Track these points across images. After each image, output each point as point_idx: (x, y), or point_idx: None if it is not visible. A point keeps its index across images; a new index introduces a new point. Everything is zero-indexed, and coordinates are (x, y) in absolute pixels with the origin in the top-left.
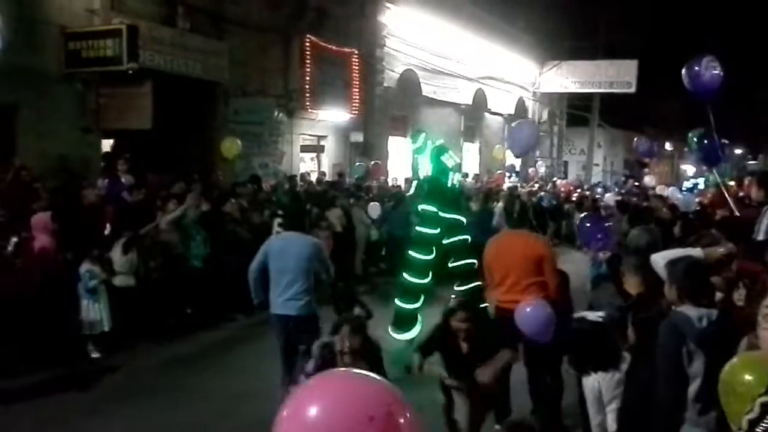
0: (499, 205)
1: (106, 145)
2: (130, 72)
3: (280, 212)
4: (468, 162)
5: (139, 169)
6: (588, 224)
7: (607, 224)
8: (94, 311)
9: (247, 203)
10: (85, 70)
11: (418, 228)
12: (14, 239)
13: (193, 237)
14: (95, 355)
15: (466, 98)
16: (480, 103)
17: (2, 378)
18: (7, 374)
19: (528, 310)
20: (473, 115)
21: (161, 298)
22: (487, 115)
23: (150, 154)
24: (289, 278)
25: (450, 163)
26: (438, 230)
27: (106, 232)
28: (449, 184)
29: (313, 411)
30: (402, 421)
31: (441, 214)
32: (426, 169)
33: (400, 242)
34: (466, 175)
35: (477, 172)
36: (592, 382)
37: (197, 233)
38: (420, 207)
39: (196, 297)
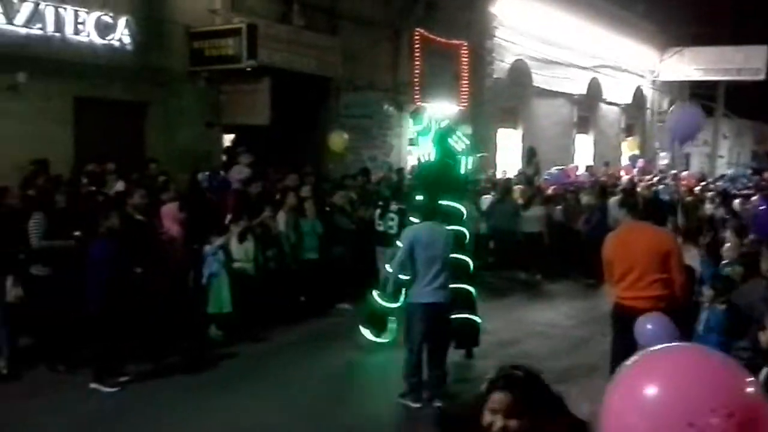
0: (614, 199)
1: (227, 139)
2: (249, 69)
3: (381, 204)
4: (581, 154)
5: (257, 162)
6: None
7: None
8: (217, 294)
9: (356, 195)
10: (207, 68)
11: (411, 219)
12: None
13: (306, 229)
14: (217, 336)
15: (579, 88)
16: (595, 92)
17: (132, 359)
18: (135, 356)
19: (648, 327)
20: (587, 105)
21: (277, 286)
22: (602, 105)
23: (267, 148)
24: (438, 267)
25: (459, 147)
26: None
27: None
28: (457, 171)
29: (651, 392)
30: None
31: (440, 203)
32: (428, 154)
33: (507, 236)
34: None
35: (591, 163)
36: None
37: (312, 225)
38: (416, 198)
39: (309, 286)
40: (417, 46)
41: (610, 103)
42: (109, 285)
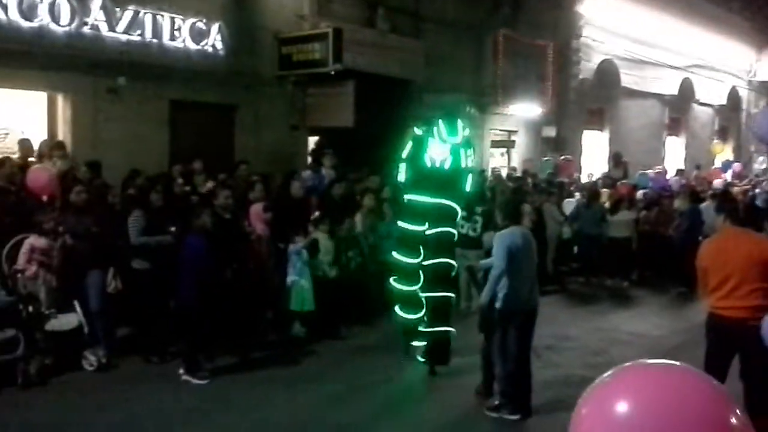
0: (706, 204)
1: (312, 141)
2: (334, 73)
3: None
4: (672, 157)
5: (340, 164)
6: None
7: None
8: (300, 292)
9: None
10: (295, 72)
11: (400, 223)
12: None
13: (384, 231)
14: (300, 333)
15: (670, 88)
16: (686, 93)
17: (219, 353)
18: (223, 350)
19: None
20: (679, 106)
21: (357, 286)
22: (694, 106)
23: (350, 150)
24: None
25: (454, 139)
26: (426, 225)
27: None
28: (453, 165)
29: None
30: None
31: (430, 200)
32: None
33: (593, 241)
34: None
35: (682, 167)
36: None
37: (389, 228)
38: (406, 197)
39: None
40: (501, 47)
41: (703, 104)
42: (199, 281)
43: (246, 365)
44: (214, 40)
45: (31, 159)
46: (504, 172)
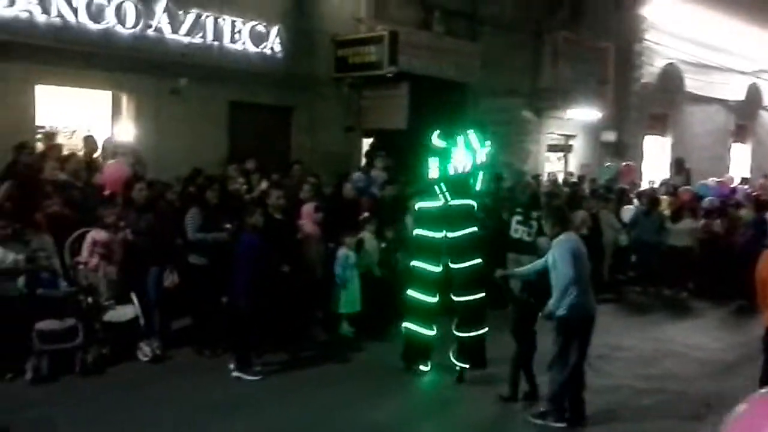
0: None
1: (366, 143)
2: (389, 75)
3: (519, 210)
4: (737, 164)
5: (393, 166)
6: None
7: None
8: (349, 292)
9: (489, 201)
10: (351, 74)
11: (417, 232)
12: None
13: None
14: (348, 333)
15: (736, 94)
16: (754, 99)
17: (268, 351)
18: (271, 347)
19: None
20: (745, 112)
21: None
22: (761, 112)
23: (403, 153)
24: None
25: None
26: (443, 233)
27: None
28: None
29: None
30: None
31: (448, 202)
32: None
33: (652, 249)
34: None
35: (747, 175)
36: None
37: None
38: (417, 206)
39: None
40: (561, 49)
41: None
42: (252, 279)
43: (296, 363)
44: (273, 43)
45: (95, 155)
46: (560, 177)
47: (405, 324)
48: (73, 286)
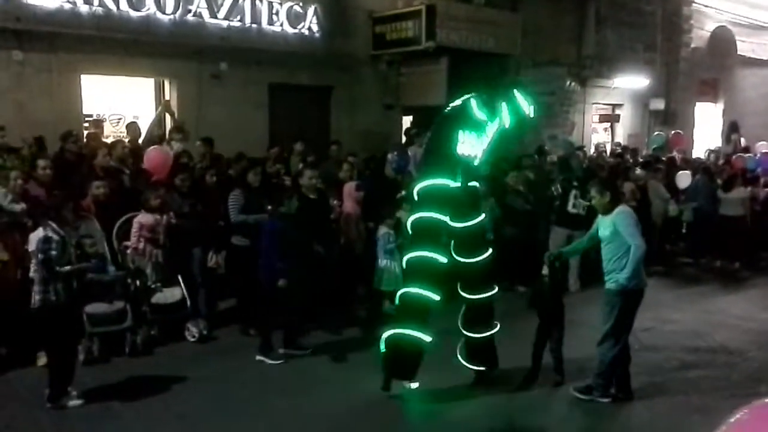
0: None
1: (407, 121)
2: (428, 50)
3: (575, 184)
4: None
5: None
6: None
7: None
8: (390, 271)
9: (533, 175)
10: (388, 51)
11: (418, 214)
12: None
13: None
14: (391, 311)
15: None
16: None
17: (311, 329)
18: (314, 324)
19: None
20: None
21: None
22: None
23: None
24: None
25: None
26: (448, 215)
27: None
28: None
29: None
30: None
31: (451, 185)
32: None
33: (705, 220)
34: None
35: None
36: None
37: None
38: (418, 187)
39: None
40: (605, 15)
41: None
42: (272, 264)
43: (338, 342)
44: (310, 23)
45: (139, 141)
46: (608, 148)
47: (393, 329)
48: (121, 269)
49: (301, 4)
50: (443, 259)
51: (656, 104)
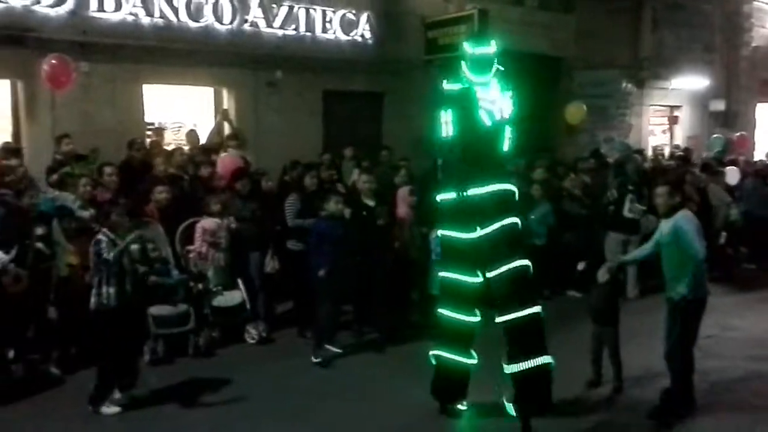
0: None
1: None
2: None
3: (631, 188)
4: None
5: None
6: None
7: None
8: None
9: (590, 179)
10: (441, 56)
11: (442, 232)
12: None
13: (534, 215)
14: None
15: None
16: None
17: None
18: (367, 326)
19: None
20: None
21: None
22: None
23: None
24: None
25: (498, 109)
26: (476, 232)
27: None
28: (496, 142)
29: None
30: None
31: (480, 190)
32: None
33: (761, 224)
34: None
35: None
36: None
37: (539, 211)
38: (440, 197)
39: (537, 272)
40: (662, 15)
41: None
42: (322, 264)
43: (393, 348)
44: (363, 30)
45: (197, 149)
46: (666, 151)
47: (437, 350)
48: (184, 273)
49: (354, 11)
50: (473, 279)
51: (716, 105)
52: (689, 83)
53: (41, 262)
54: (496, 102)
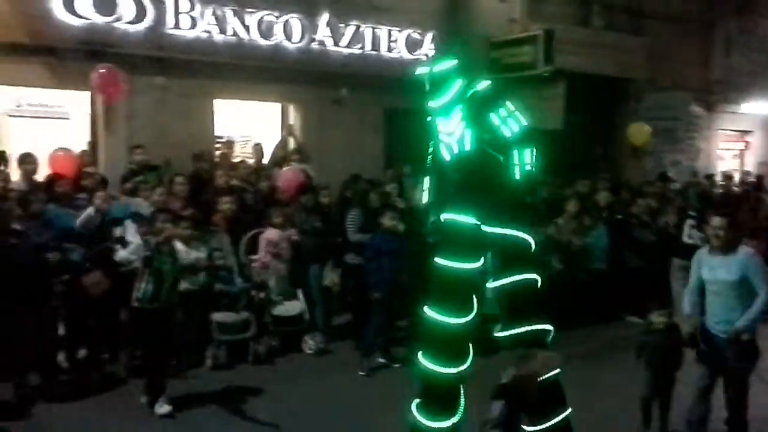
0: None
1: None
2: (545, 75)
3: (692, 213)
4: None
5: (546, 167)
6: None
7: None
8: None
9: (656, 203)
10: (505, 76)
11: (437, 259)
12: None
13: (592, 239)
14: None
15: None
16: None
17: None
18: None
19: None
20: None
21: (563, 293)
22: None
23: (558, 152)
24: None
25: (510, 127)
26: (482, 262)
27: None
28: (508, 170)
29: None
30: None
31: (488, 229)
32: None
33: None
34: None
35: None
36: None
37: (597, 235)
38: (442, 217)
39: (597, 297)
40: (734, 39)
41: None
42: (379, 278)
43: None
44: (428, 49)
45: (262, 162)
46: (736, 176)
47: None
48: (247, 282)
49: (419, 31)
50: (464, 319)
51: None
52: (761, 108)
53: (120, 265)
54: (454, 134)
